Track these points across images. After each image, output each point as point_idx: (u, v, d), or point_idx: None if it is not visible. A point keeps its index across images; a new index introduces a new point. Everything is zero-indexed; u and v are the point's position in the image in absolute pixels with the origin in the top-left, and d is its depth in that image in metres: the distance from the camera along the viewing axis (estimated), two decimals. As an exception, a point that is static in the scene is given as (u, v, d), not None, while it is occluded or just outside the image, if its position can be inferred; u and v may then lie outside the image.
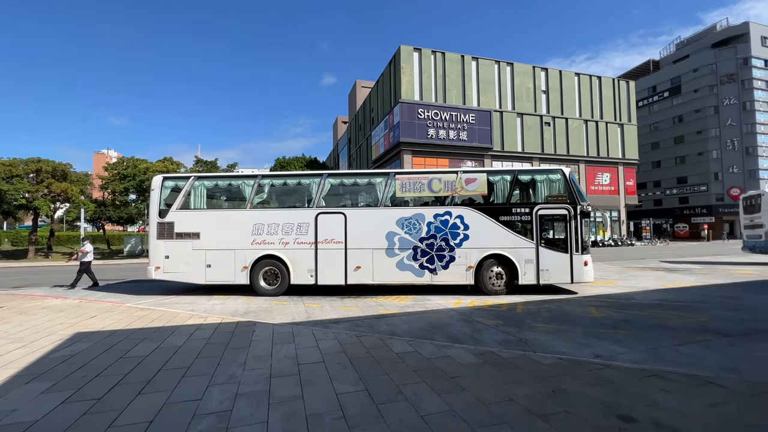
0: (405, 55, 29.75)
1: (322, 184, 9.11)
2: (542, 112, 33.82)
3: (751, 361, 4.08)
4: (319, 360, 4.16)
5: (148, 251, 9.21)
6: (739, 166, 45.13)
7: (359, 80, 58.31)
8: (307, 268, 8.85)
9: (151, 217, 9.12)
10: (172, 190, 9.27)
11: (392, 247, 8.75)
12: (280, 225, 8.91)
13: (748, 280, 10.20)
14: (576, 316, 6.28)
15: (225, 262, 8.90)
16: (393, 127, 30.63)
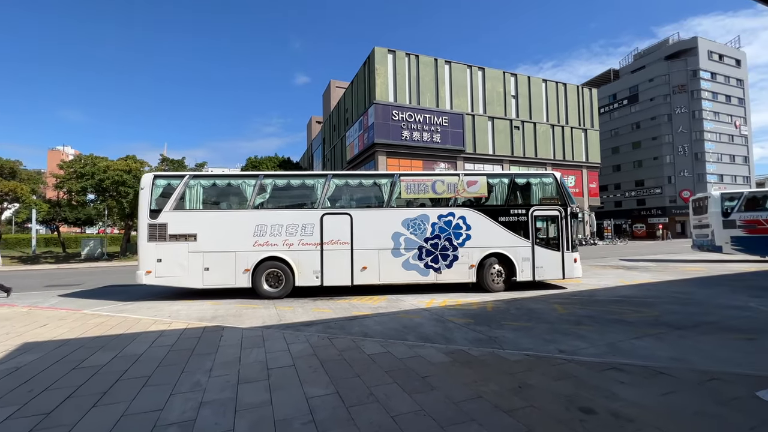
0: (379, 57, 29.86)
1: (327, 185, 8.98)
2: (512, 116, 34.94)
3: (698, 351, 4.38)
4: (290, 364, 4.08)
5: (138, 254, 8.54)
6: (689, 171, 48.58)
7: (333, 80, 57.87)
8: (313, 269, 8.71)
9: (141, 218, 8.50)
10: (164, 189, 8.68)
11: (398, 248, 8.86)
12: (284, 226, 8.68)
13: (697, 276, 10.98)
14: (542, 313, 6.51)
15: (224, 265, 8.53)
16: (367, 128, 30.64)
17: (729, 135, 50.87)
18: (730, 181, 49.78)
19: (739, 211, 14.80)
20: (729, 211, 14.98)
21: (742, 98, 52.66)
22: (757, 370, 3.70)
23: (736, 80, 52.40)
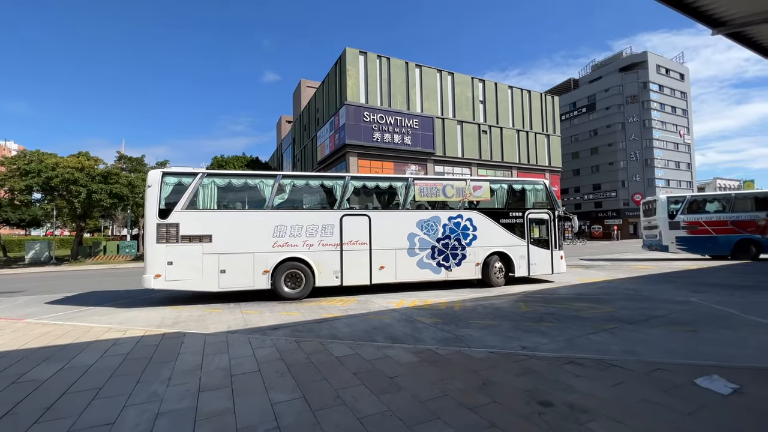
0: (350, 58, 29.78)
1: (345, 186, 9.08)
2: (480, 121, 35.97)
3: (646, 344, 4.71)
4: (255, 369, 3.96)
5: (144, 257, 7.93)
6: (640, 176, 52.15)
7: (304, 80, 57.04)
8: (333, 269, 8.78)
9: (149, 218, 7.87)
10: (174, 187, 8.15)
11: (413, 247, 9.30)
12: (304, 227, 8.65)
13: (647, 274, 11.80)
14: (507, 312, 6.74)
15: (242, 267, 8.26)
16: (338, 129, 30.44)
17: (674, 143, 55.14)
18: (675, 186, 53.93)
19: (683, 213, 16.07)
20: (674, 214, 16.22)
21: (686, 109, 57.29)
22: (696, 360, 4.03)
23: (681, 93, 56.94)
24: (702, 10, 6.62)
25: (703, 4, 6.53)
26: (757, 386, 3.30)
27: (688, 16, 6.62)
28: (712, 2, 6.51)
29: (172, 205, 8.02)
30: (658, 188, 50.57)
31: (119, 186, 23.24)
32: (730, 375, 3.52)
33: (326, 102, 34.96)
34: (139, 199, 26.95)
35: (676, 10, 6.48)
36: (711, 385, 3.31)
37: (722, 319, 5.86)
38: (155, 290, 8.16)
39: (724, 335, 4.99)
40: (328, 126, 33.40)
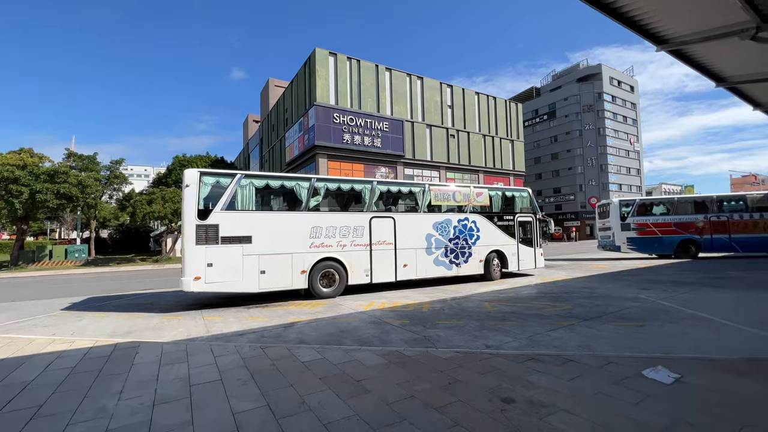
0: (320, 58, 29.50)
1: (373, 190, 9.58)
2: (448, 125, 36.79)
3: (600, 339, 4.99)
4: (216, 378, 3.80)
5: (183, 259, 7.63)
6: (596, 180, 55.50)
7: (272, 78, 55.80)
8: (363, 268, 9.26)
9: (187, 219, 7.60)
10: (212, 187, 7.98)
11: (430, 247, 10.17)
12: (338, 228, 8.99)
13: (601, 273, 12.54)
14: (473, 312, 6.91)
15: (282, 267, 8.36)
16: (308, 130, 30.02)
17: (626, 150, 59.22)
18: (627, 190, 57.87)
19: (633, 216, 17.26)
20: (625, 216, 17.38)
21: (635, 119, 61.74)
22: (643, 353, 4.32)
23: (631, 103, 61.29)
24: (647, 28, 7.16)
25: (649, 23, 7.07)
26: (696, 375, 3.59)
27: (636, 33, 7.14)
28: (655, 22, 7.06)
29: (211, 206, 7.87)
30: (611, 192, 54.00)
31: (68, 186, 21.57)
32: (672, 365, 3.81)
33: (295, 102, 34.39)
34: (90, 200, 25.15)
35: (626, 27, 6.96)
36: (656, 376, 3.57)
37: (666, 313, 6.34)
38: (191, 293, 8.02)
39: (667, 329, 5.39)
40: (297, 127, 32.85)
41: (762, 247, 15.92)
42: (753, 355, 4.14)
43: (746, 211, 16.12)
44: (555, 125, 60.06)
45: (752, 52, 8.15)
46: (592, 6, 6.46)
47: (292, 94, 35.57)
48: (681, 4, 6.49)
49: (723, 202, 16.62)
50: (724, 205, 16.56)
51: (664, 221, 16.91)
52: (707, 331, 5.20)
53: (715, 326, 5.46)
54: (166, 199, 24.51)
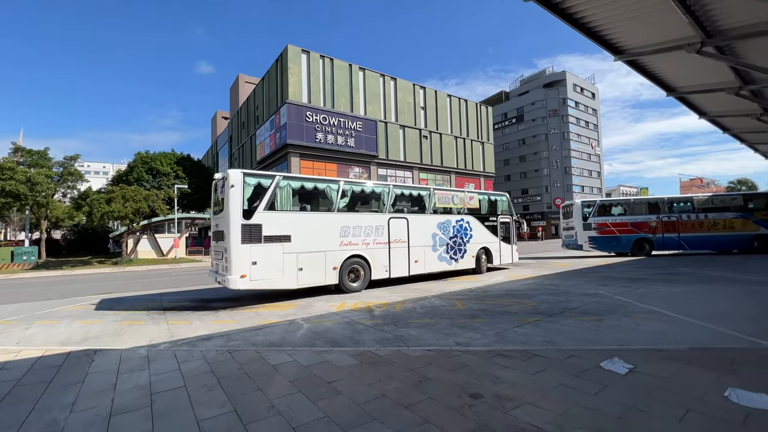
0: (292, 56, 28.99)
1: (389, 193, 10.45)
2: (421, 126, 37.25)
3: (562, 333, 5.23)
4: (180, 385, 3.65)
5: (228, 258, 7.71)
6: (560, 182, 58.08)
7: (242, 75, 54.37)
8: (383, 264, 10.02)
9: (233, 219, 7.73)
10: (255, 188, 8.17)
11: (435, 244, 11.26)
12: (362, 227, 9.70)
13: (565, 270, 13.14)
14: (444, 310, 7.04)
15: (317, 264, 8.83)
16: (279, 128, 29.42)
17: (588, 154, 62.37)
18: (589, 192, 60.96)
19: (593, 216, 18.21)
20: (587, 216, 18.30)
21: (596, 124, 65.17)
22: (601, 345, 4.58)
23: (592, 109, 64.64)
24: (607, 38, 7.58)
25: (608, 34, 7.49)
26: (648, 365, 3.84)
27: (596, 43, 7.54)
28: (614, 33, 7.48)
29: (254, 206, 8.06)
30: (574, 193, 56.69)
31: (14, 183, 19.95)
32: (627, 357, 4.06)
33: (266, 99, 33.61)
34: (41, 198, 23.39)
35: (587, 38, 7.34)
36: (612, 367, 3.79)
37: (622, 308, 6.74)
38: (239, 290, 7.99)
39: (623, 322, 5.73)
40: (268, 124, 32.12)
41: (707, 245, 17.28)
42: (698, 345, 4.49)
43: (693, 211, 17.43)
44: (523, 128, 62.32)
45: (697, 66, 8.84)
46: (558, 17, 6.76)
47: (263, 91, 34.74)
48: (636, 17, 6.93)
49: (673, 204, 17.89)
50: (674, 206, 17.82)
51: (621, 221, 17.95)
52: (658, 324, 5.58)
53: (666, 319, 5.87)
54: (127, 197, 23.20)
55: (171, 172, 35.80)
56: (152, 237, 27.65)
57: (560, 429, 2.65)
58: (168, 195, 26.85)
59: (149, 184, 34.75)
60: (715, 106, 12.62)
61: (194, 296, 9.77)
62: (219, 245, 8.38)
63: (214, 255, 8.88)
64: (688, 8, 6.38)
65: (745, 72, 8.93)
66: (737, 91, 9.82)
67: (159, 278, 15.24)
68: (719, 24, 6.91)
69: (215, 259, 8.77)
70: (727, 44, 7.59)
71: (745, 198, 17.66)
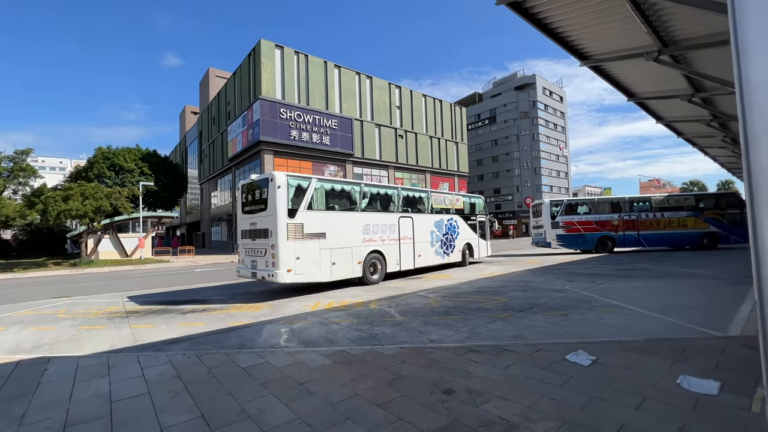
0: (266, 50, 28.29)
1: (399, 195, 11.68)
2: (396, 126, 37.40)
3: (531, 328, 5.42)
4: (144, 392, 3.48)
5: (275, 254, 8.28)
6: (530, 182, 60.05)
7: (213, 68, 52.54)
8: (395, 258, 11.10)
9: (280, 218, 8.36)
10: (296, 189, 8.87)
11: (432, 240, 12.67)
12: (379, 225, 10.72)
13: (534, 267, 13.62)
14: (418, 308, 7.11)
15: (346, 259, 9.68)
16: (252, 124, 28.66)
17: (556, 155, 64.84)
18: (557, 191, 63.41)
19: (561, 215, 18.97)
20: (555, 215, 19.03)
21: (564, 127, 67.86)
22: (567, 339, 4.78)
23: (560, 112, 67.24)
24: (573, 44, 7.90)
25: (574, 40, 7.80)
26: (610, 356, 4.05)
27: (563, 48, 7.83)
28: (579, 39, 7.80)
29: (296, 206, 8.71)
30: (543, 193, 58.80)
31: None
32: (590, 349, 4.26)
33: (239, 95, 32.65)
34: (-14, 195, 21.56)
35: (556, 43, 7.61)
36: (577, 359, 3.96)
37: (587, 302, 7.06)
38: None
39: (587, 316, 6.01)
40: (240, 120, 31.22)
41: (663, 242, 18.42)
42: (654, 336, 4.77)
43: (651, 210, 18.52)
44: (495, 129, 63.92)
45: (655, 73, 9.38)
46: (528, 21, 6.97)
47: (235, 86, 33.72)
48: (600, 25, 7.26)
49: (633, 203, 18.92)
50: (634, 205, 18.86)
51: (586, 220, 18.80)
52: (619, 317, 5.89)
53: (626, 312, 6.20)
54: (87, 195, 21.83)
55: (136, 169, 34.06)
56: (115, 237, 26.20)
57: (528, 420, 2.74)
58: (132, 192, 25.48)
59: (111, 181, 32.91)
60: (670, 111, 13.44)
61: (161, 298, 9.35)
62: (258, 242, 8.86)
63: (247, 252, 9.25)
64: (647, 18, 6.76)
65: (697, 80, 9.56)
66: (690, 98, 10.50)
67: (122, 280, 14.48)
68: (674, 34, 7.36)
69: (249, 255, 9.19)
70: (681, 53, 8.10)
71: (697, 198, 18.98)
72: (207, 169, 42.44)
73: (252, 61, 29.58)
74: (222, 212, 37.88)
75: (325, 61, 31.92)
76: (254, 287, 10.69)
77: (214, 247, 39.91)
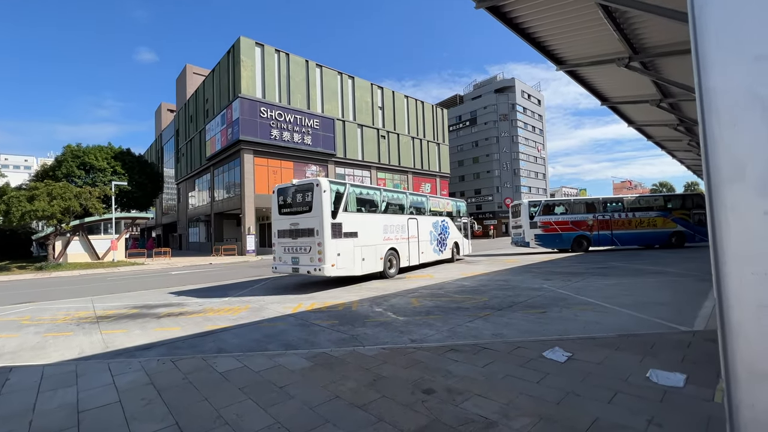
0: (245, 48, 27.76)
1: (407, 198, 13.32)
2: (379, 126, 37.44)
3: (510, 326, 5.53)
4: (114, 400, 3.35)
5: (322, 251, 9.38)
6: (510, 183, 61.34)
7: (191, 65, 51.23)
8: (406, 255, 12.47)
9: (326, 218, 9.49)
10: (336, 193, 9.96)
11: (430, 239, 14.26)
12: (394, 226, 12.06)
13: (513, 267, 13.91)
14: (400, 308, 7.14)
15: (372, 255, 10.90)
16: (231, 123, 28.06)
17: (534, 156, 66.49)
18: (535, 192, 65.00)
19: (539, 215, 19.45)
20: (533, 215, 19.50)
21: (542, 129, 69.67)
22: (545, 336, 4.90)
23: (538, 115, 68.99)
24: (550, 49, 8.12)
25: (550, 45, 8.02)
26: (584, 352, 4.18)
27: (540, 52, 8.04)
28: (556, 45, 8.03)
29: (336, 209, 9.81)
30: (522, 194, 60.15)
31: None
32: (566, 345, 4.38)
33: (217, 93, 31.91)
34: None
35: (534, 48, 7.80)
36: (553, 356, 4.06)
37: (563, 300, 7.27)
38: None
39: (564, 314, 6.18)
40: (219, 119, 30.51)
41: (635, 241, 19.17)
42: (625, 332, 4.96)
43: (623, 211, 19.26)
44: (476, 131, 64.95)
45: (626, 79, 9.76)
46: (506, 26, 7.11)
47: (213, 84, 32.93)
48: (575, 31, 7.49)
49: (607, 204, 19.62)
50: (608, 206, 19.55)
51: (563, 220, 19.35)
52: (593, 314, 6.09)
53: (600, 309, 6.42)
54: (54, 195, 20.80)
55: (108, 168, 32.72)
56: (85, 239, 25.02)
57: (506, 418, 2.79)
58: (104, 192, 24.43)
59: (81, 181, 31.49)
60: (640, 116, 14.02)
61: (135, 302, 9.02)
62: (300, 241, 9.84)
63: (286, 249, 10.17)
64: (619, 26, 7.03)
65: (665, 86, 10.01)
66: (658, 103, 10.99)
67: (93, 284, 13.88)
68: (644, 42, 7.68)
69: (288, 252, 10.12)
70: (650, 60, 8.47)
71: (665, 199, 19.85)
72: (184, 169, 41.27)
73: (231, 59, 28.97)
74: (200, 213, 36.90)
75: (306, 60, 31.62)
76: (234, 291, 10.47)
77: (192, 249, 38.84)
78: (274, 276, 13.21)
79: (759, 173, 1.30)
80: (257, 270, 16.66)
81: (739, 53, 1.33)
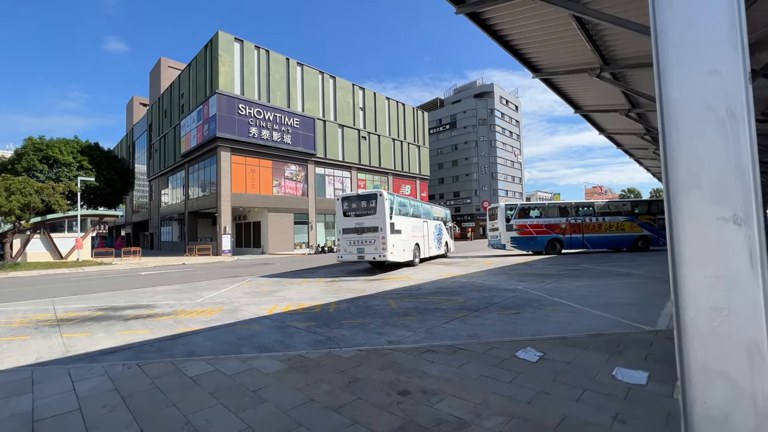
0: (224, 43, 27.10)
1: (423, 207, 17.50)
2: (360, 127, 37.39)
3: (485, 327, 5.63)
4: (74, 408, 3.17)
5: (384, 242, 12.87)
6: (488, 186, 62.61)
7: (165, 58, 49.59)
8: (424, 249, 16.30)
9: (387, 219, 12.97)
10: (389, 201, 13.29)
11: (434, 239, 17.81)
12: (418, 226, 15.82)
13: (490, 268, 14.19)
14: (378, 309, 7.13)
15: (408, 248, 14.48)
16: (208, 120, 27.30)
17: (511, 161, 68.16)
18: (512, 196, 66.62)
19: (515, 218, 19.94)
20: (509, 218, 19.98)
21: (519, 134, 71.53)
22: (518, 336, 5.02)
23: (516, 121, 70.80)
24: (526, 57, 8.35)
25: (527, 53, 8.25)
26: (555, 352, 4.30)
27: (517, 60, 8.25)
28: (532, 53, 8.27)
29: (391, 212, 13.30)
30: (500, 197, 61.52)
31: None
32: (538, 345, 4.50)
33: (194, 88, 30.97)
34: None
35: (510, 54, 7.99)
36: (525, 356, 4.17)
37: (537, 301, 7.47)
38: None
39: (537, 314, 6.36)
40: (195, 115, 29.63)
41: (604, 244, 19.97)
42: (594, 332, 5.15)
43: (594, 215, 20.03)
44: (456, 135, 65.97)
45: (598, 88, 10.16)
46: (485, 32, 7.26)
47: (189, 78, 31.95)
48: (550, 41, 7.74)
49: (579, 208, 20.35)
50: (580, 210, 20.29)
51: (538, 223, 19.93)
52: (564, 315, 6.29)
53: (570, 310, 6.64)
54: (12, 190, 19.57)
55: (74, 162, 31.15)
56: (47, 237, 23.64)
57: (479, 417, 2.84)
58: (69, 188, 23.17)
59: (44, 176, 29.83)
60: (611, 124, 14.64)
61: (100, 304, 8.60)
62: (365, 236, 13.22)
63: (352, 243, 13.51)
64: (591, 37, 7.32)
65: (633, 97, 10.50)
66: (627, 112, 11.51)
67: (55, 284, 13.13)
68: (614, 53, 8.03)
69: (354, 245, 13.45)
70: (620, 72, 8.86)
71: (633, 204, 20.80)
72: (157, 165, 39.79)
73: (209, 54, 28.20)
74: (173, 211, 35.65)
75: (287, 57, 31.21)
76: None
77: (164, 249, 37.46)
78: (250, 276, 12.94)
79: (713, 181, 1.38)
80: (233, 270, 16.24)
81: (695, 68, 1.41)
